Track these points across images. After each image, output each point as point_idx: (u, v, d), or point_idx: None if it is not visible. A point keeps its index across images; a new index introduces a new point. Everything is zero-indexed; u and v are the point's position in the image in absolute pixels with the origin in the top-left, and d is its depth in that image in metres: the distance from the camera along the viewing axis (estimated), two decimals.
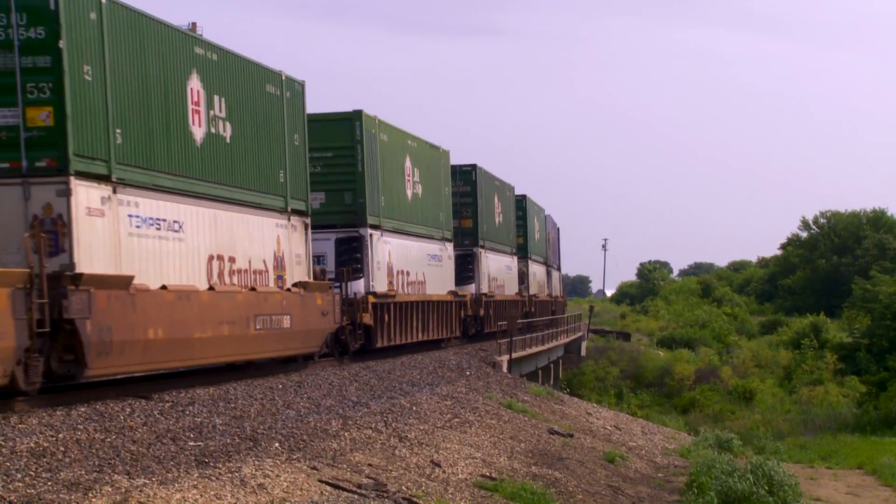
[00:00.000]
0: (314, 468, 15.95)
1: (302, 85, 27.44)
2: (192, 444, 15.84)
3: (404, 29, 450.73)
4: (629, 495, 22.83)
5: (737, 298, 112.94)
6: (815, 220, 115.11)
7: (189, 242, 21.65)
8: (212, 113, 22.67)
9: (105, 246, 18.93)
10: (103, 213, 18.84)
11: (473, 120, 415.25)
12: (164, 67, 20.99)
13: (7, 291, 16.35)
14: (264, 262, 25.15)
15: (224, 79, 23.24)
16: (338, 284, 29.67)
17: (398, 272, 34.38)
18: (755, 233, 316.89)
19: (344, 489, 15.19)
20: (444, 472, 18.67)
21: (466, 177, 46.17)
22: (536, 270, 63.87)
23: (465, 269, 44.69)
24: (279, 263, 26.14)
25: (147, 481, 13.04)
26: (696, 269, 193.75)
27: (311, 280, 27.49)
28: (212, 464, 14.66)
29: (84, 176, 18.38)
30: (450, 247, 41.29)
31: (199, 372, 22.95)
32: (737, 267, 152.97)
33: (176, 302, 20.59)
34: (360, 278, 31.07)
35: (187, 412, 18.37)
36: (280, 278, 26.10)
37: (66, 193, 17.92)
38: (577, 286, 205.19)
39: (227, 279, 23.24)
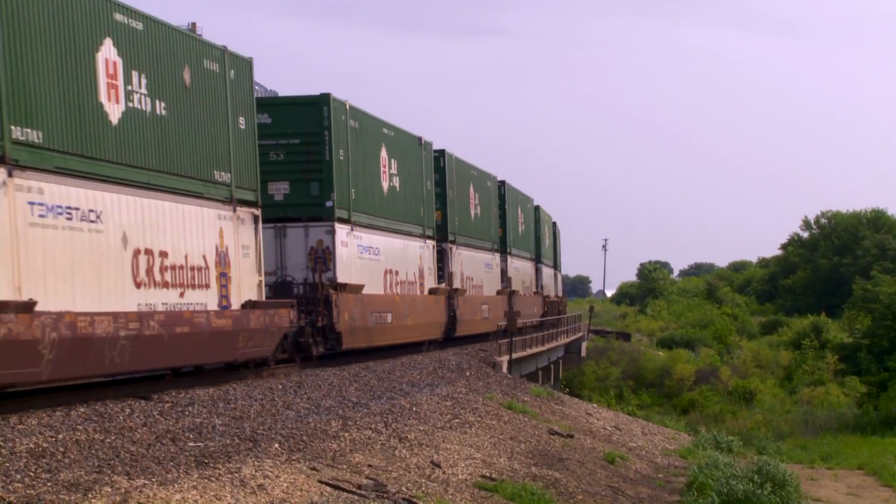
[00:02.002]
0: (314, 469, 15.95)
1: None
2: (191, 444, 15.82)
3: (404, 29, 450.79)
4: (629, 496, 22.82)
5: (737, 298, 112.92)
6: (816, 221, 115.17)
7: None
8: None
9: None
10: None
11: (473, 119, 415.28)
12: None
13: (443, 297, 38.56)
14: (524, 283, 56.28)
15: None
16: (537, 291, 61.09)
17: (545, 286, 65.59)
18: (755, 233, 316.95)
19: (344, 490, 15.18)
20: (444, 472, 18.66)
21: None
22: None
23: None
24: (532, 283, 59.74)
25: (147, 482, 13.03)
26: (697, 269, 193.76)
27: (538, 289, 61.39)
28: (211, 464, 14.65)
29: None
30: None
31: (203, 371, 22.98)
32: (737, 267, 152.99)
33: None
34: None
35: (187, 413, 18.35)
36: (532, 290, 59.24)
37: None
38: (578, 286, 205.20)
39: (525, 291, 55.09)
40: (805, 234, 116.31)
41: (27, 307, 16.46)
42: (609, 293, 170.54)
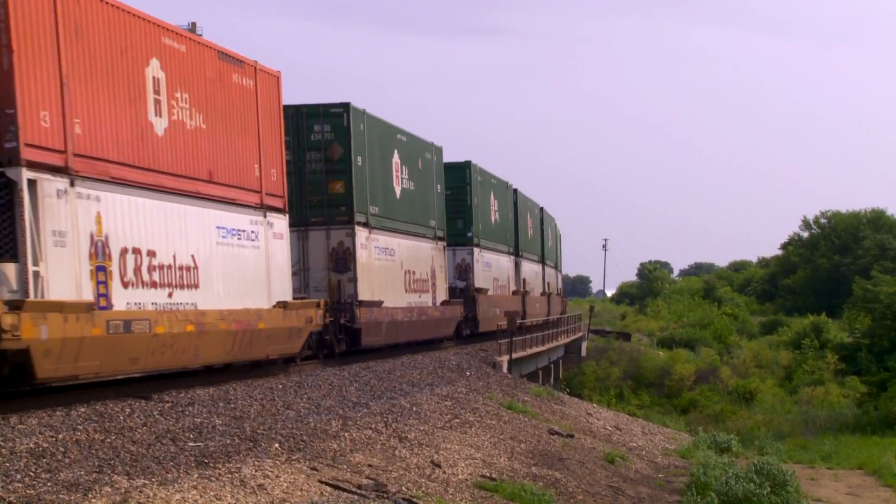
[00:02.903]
0: (314, 469, 15.94)
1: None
2: (191, 444, 15.82)
3: (404, 29, 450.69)
4: (629, 496, 22.82)
5: (737, 298, 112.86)
6: (816, 220, 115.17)
7: None
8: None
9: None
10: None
11: (473, 119, 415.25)
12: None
13: (520, 297, 53.57)
14: (551, 285, 68.32)
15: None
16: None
17: (560, 288, 76.77)
18: (755, 233, 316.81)
19: (344, 490, 15.18)
20: (444, 472, 18.66)
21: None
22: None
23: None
24: (555, 285, 69.43)
25: (147, 482, 13.02)
26: (697, 269, 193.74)
27: (557, 291, 72.56)
28: (212, 464, 14.64)
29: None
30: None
31: (204, 371, 23.04)
32: (737, 267, 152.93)
33: None
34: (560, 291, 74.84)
35: (187, 412, 18.35)
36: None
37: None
38: (578, 286, 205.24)
39: (552, 292, 69.40)
40: (805, 234, 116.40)
41: (379, 304, 31.30)
42: (609, 293, 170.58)
